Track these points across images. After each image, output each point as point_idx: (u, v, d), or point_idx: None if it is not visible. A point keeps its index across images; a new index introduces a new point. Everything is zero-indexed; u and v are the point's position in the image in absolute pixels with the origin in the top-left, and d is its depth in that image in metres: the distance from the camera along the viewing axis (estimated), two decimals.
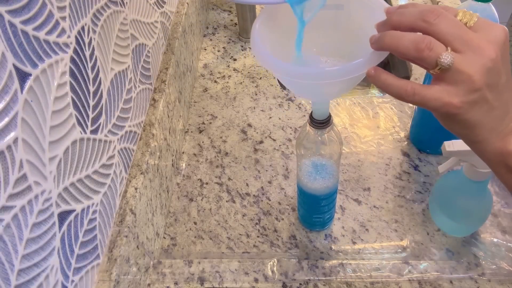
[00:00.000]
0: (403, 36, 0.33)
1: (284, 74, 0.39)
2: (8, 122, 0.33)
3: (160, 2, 0.70)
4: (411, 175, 0.68)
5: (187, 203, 0.68)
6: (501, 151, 0.35)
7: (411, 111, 0.77)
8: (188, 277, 0.57)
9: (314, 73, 0.38)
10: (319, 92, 0.43)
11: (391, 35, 0.34)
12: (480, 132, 0.35)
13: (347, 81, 0.39)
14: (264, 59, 0.40)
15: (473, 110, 0.34)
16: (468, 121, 0.34)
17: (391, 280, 0.55)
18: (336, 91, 0.43)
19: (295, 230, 0.63)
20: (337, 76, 0.37)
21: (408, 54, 0.33)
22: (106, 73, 0.50)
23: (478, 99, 0.33)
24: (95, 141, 0.47)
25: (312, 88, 0.42)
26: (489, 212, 0.57)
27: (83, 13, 0.44)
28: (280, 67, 0.39)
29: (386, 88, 0.36)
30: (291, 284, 0.55)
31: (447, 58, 0.32)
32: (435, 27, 0.33)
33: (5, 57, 0.32)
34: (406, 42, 0.33)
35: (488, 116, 0.34)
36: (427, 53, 0.32)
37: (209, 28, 0.99)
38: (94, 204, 0.46)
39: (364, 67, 0.36)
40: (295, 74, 0.38)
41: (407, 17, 0.34)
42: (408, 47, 0.33)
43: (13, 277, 0.33)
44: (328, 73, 0.37)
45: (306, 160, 0.52)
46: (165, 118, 0.66)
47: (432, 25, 0.33)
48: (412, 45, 0.33)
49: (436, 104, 0.34)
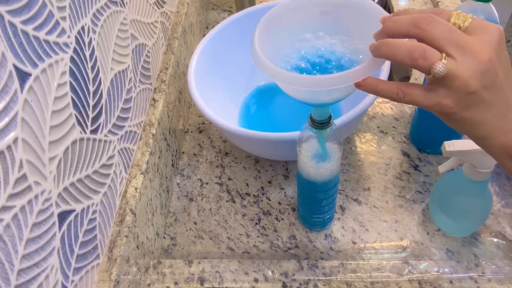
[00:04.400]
0: (398, 45, 0.34)
1: (281, 81, 0.39)
2: (8, 122, 0.33)
3: (160, 2, 0.70)
4: (411, 175, 0.68)
5: (187, 203, 0.68)
6: (506, 145, 0.35)
7: (411, 111, 0.77)
8: (188, 277, 0.57)
9: (311, 81, 0.38)
10: (317, 98, 0.44)
11: (387, 44, 0.35)
12: (482, 129, 0.35)
13: (345, 88, 0.39)
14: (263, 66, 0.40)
15: (470, 110, 0.34)
16: (466, 120, 0.35)
17: (391, 280, 0.55)
18: (334, 97, 0.43)
19: (295, 230, 0.63)
20: (335, 83, 0.37)
21: (403, 62, 0.34)
22: (106, 73, 0.50)
23: (475, 100, 0.34)
24: (95, 141, 0.47)
25: (310, 94, 0.42)
26: (489, 212, 0.57)
27: (83, 13, 0.44)
28: (278, 74, 0.39)
29: (378, 94, 0.37)
30: (291, 284, 0.55)
31: (440, 68, 0.32)
32: (428, 33, 0.33)
33: (5, 57, 0.32)
34: (401, 51, 0.34)
35: (488, 115, 0.34)
36: (421, 62, 0.33)
37: (209, 28, 0.99)
38: (94, 204, 0.46)
39: (360, 75, 0.37)
40: (292, 81, 0.38)
41: (400, 25, 0.35)
42: (403, 56, 0.34)
43: (13, 277, 0.33)
44: (325, 80, 0.37)
45: (307, 150, 0.52)
46: (165, 118, 0.66)
47: (425, 31, 0.33)
48: (407, 54, 0.33)
49: (428, 103, 0.35)
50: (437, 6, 0.95)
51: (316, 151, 0.51)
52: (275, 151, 0.65)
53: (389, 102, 0.79)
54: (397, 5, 0.98)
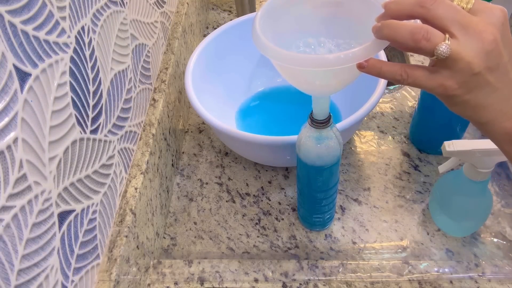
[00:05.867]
0: (400, 26, 0.33)
1: (281, 61, 0.39)
2: (8, 122, 0.33)
3: (160, 2, 0.70)
4: (411, 175, 0.68)
5: (187, 203, 0.68)
6: (509, 131, 0.35)
7: (411, 111, 0.77)
8: (188, 277, 0.57)
9: (312, 59, 0.38)
10: (317, 84, 0.43)
11: (389, 25, 0.34)
12: (485, 114, 0.35)
13: (344, 72, 0.39)
14: (262, 46, 0.40)
15: (473, 92, 0.34)
16: (469, 102, 0.34)
17: (391, 280, 0.55)
18: (333, 84, 0.43)
19: (295, 230, 0.63)
20: (335, 63, 0.36)
21: (406, 44, 0.33)
22: (106, 73, 0.50)
23: (478, 82, 0.33)
24: (95, 141, 0.47)
25: (309, 77, 0.42)
26: (489, 212, 0.57)
27: (83, 13, 0.44)
28: (278, 54, 0.38)
29: (381, 76, 0.36)
30: (291, 284, 0.55)
31: (443, 49, 0.32)
32: (432, 12, 0.33)
33: (5, 57, 0.32)
34: (403, 32, 0.33)
35: (491, 98, 0.34)
36: (424, 43, 0.32)
37: (209, 28, 0.99)
38: (94, 204, 0.46)
39: (362, 55, 0.36)
40: (292, 60, 0.38)
41: (404, 5, 0.34)
42: (405, 37, 0.33)
43: (13, 277, 0.33)
44: (326, 60, 0.37)
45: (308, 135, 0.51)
46: (165, 118, 0.66)
47: (430, 11, 0.33)
48: (409, 35, 0.33)
49: (431, 84, 0.34)
50: None
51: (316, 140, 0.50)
52: (272, 155, 0.64)
53: (389, 102, 0.79)
54: None
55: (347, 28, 0.45)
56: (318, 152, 0.50)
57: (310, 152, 0.51)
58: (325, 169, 0.52)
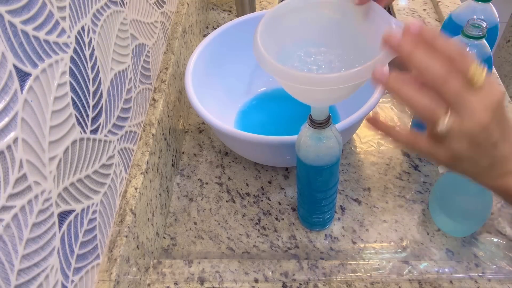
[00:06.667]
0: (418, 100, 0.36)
1: (285, 79, 0.39)
2: (8, 122, 0.33)
3: (160, 2, 0.70)
4: (411, 175, 0.68)
5: (187, 203, 0.68)
6: (502, 188, 0.38)
7: (411, 111, 0.77)
8: (188, 277, 0.57)
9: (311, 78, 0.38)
10: (317, 98, 0.44)
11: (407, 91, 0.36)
12: (471, 176, 0.39)
13: (343, 89, 0.39)
14: (262, 60, 0.40)
15: (455, 164, 0.38)
16: (455, 169, 0.39)
17: (391, 280, 0.55)
18: (332, 98, 0.43)
19: (295, 230, 0.63)
20: (337, 83, 0.37)
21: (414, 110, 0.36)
22: (106, 73, 0.50)
23: (461, 157, 0.36)
24: (95, 141, 0.47)
25: (308, 93, 0.42)
26: (489, 212, 0.57)
27: (83, 13, 0.44)
28: (282, 72, 0.39)
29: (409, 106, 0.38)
30: (291, 284, 0.55)
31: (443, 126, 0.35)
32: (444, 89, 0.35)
33: (5, 57, 0.32)
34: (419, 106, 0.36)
35: (473, 168, 0.37)
36: (429, 122, 0.36)
37: (209, 28, 0.99)
38: (94, 204, 0.46)
39: (362, 75, 0.37)
40: (295, 79, 0.38)
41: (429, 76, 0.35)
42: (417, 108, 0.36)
43: (13, 277, 0.33)
44: (328, 80, 0.37)
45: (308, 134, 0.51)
46: (165, 118, 0.66)
47: (441, 87, 0.35)
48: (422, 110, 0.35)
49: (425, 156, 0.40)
50: (437, 6, 0.95)
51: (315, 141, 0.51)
52: (272, 155, 0.64)
53: (389, 102, 0.79)
54: (397, 5, 0.98)
55: (349, 39, 0.45)
56: (318, 152, 0.50)
57: (310, 152, 0.51)
58: (325, 169, 0.52)
